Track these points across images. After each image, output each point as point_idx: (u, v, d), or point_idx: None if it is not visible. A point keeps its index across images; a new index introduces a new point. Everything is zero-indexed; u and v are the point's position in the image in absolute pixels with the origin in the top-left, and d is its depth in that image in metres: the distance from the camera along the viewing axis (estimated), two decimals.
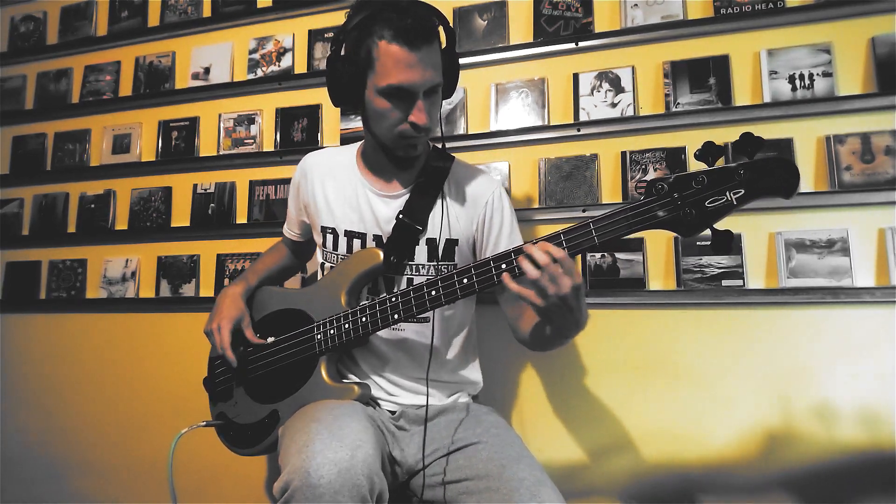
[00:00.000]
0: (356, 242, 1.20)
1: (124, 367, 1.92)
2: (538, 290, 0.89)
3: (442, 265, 1.17)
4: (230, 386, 1.27)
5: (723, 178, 0.83)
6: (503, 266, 0.96)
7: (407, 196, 1.17)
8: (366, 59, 1.03)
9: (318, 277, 1.29)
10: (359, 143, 1.28)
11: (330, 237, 1.22)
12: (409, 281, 1.16)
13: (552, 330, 1.01)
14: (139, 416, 1.88)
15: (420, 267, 1.17)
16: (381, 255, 1.13)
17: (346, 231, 1.20)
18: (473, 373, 1.29)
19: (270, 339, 1.21)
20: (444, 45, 1.09)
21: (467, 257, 1.21)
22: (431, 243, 1.17)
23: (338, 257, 1.21)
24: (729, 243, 0.84)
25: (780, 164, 0.81)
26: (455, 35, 1.11)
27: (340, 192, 1.22)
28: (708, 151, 0.84)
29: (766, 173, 0.81)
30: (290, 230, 1.39)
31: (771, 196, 0.81)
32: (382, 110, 1.05)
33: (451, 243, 1.18)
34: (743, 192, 0.82)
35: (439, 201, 1.17)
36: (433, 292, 1.03)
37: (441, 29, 1.07)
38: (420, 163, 1.19)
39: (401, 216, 1.15)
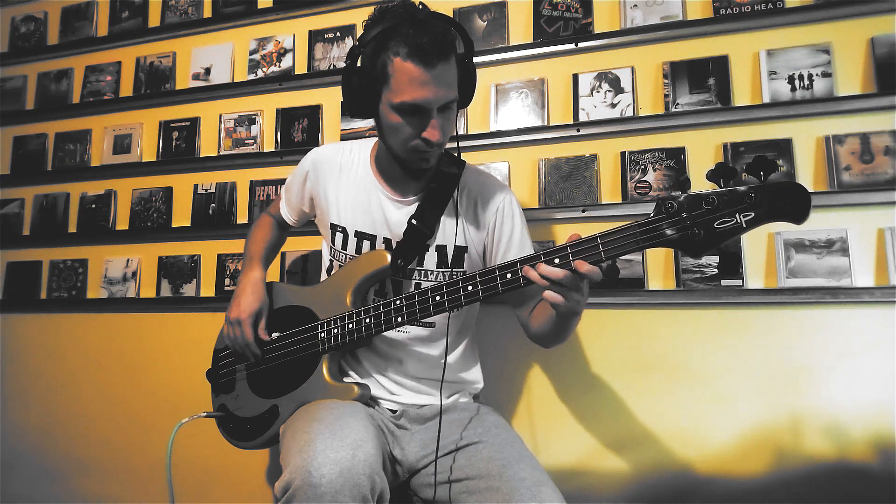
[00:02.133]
0: (366, 244, 1.20)
1: (125, 366, 1.92)
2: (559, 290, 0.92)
3: (450, 272, 1.18)
4: (233, 378, 1.28)
5: (733, 199, 0.82)
6: (508, 275, 0.97)
7: (419, 202, 1.18)
8: (381, 73, 1.02)
9: (324, 273, 1.30)
10: (373, 142, 1.27)
11: (340, 235, 1.22)
12: (418, 286, 1.17)
13: (561, 318, 1.02)
14: (139, 415, 1.89)
15: (429, 273, 1.18)
16: (388, 257, 1.14)
17: (356, 232, 1.21)
18: (474, 373, 1.29)
19: (275, 335, 1.22)
20: (461, 52, 1.08)
21: (477, 264, 1.21)
22: (441, 250, 1.18)
23: (346, 257, 1.22)
24: (737, 266, 0.83)
25: (792, 189, 0.79)
26: (472, 45, 1.10)
27: (354, 192, 1.22)
28: (719, 172, 0.83)
29: (777, 197, 0.79)
30: (289, 215, 1.38)
31: (781, 220, 0.80)
32: (396, 125, 1.05)
33: (461, 250, 1.19)
34: (753, 215, 0.81)
35: (450, 208, 1.18)
36: (438, 297, 1.03)
37: (459, 38, 1.06)
38: (432, 169, 1.19)
39: (412, 221, 1.15)
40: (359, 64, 1.07)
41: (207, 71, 1.92)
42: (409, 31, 0.98)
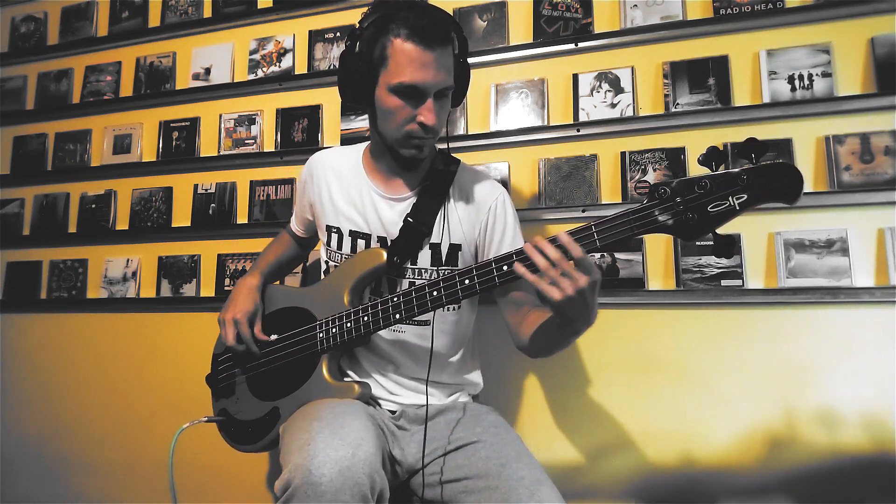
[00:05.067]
0: (360, 243, 1.20)
1: (125, 366, 1.92)
2: (553, 283, 0.86)
3: (445, 269, 1.17)
4: (232, 382, 1.28)
5: (726, 182, 0.82)
6: (504, 268, 0.95)
7: (414, 199, 1.18)
8: (379, 56, 1.03)
9: (322, 275, 1.29)
10: (366, 144, 1.28)
11: (335, 236, 1.22)
12: (412, 284, 1.16)
13: (563, 324, 0.94)
14: (140, 415, 1.89)
15: (423, 271, 1.17)
16: (385, 255, 1.13)
17: (350, 231, 1.21)
18: (474, 374, 1.29)
19: (273, 337, 1.22)
20: (456, 52, 1.09)
21: (470, 262, 1.20)
22: (435, 248, 1.17)
23: (342, 256, 1.22)
24: (731, 248, 0.83)
25: (784, 169, 0.80)
26: (467, 44, 1.11)
27: (346, 192, 1.22)
28: (711, 156, 0.83)
29: (769, 178, 0.80)
30: (297, 227, 1.41)
31: (774, 201, 0.81)
32: (392, 108, 1.05)
33: (455, 248, 1.18)
34: (746, 197, 0.81)
35: (444, 205, 1.18)
36: (435, 293, 1.03)
37: (455, 36, 1.07)
38: (426, 166, 1.19)
39: (409, 219, 1.15)
40: (357, 49, 1.07)
41: (207, 71, 1.92)
42: (409, 15, 1.00)
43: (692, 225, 0.84)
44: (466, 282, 1.00)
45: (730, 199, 0.82)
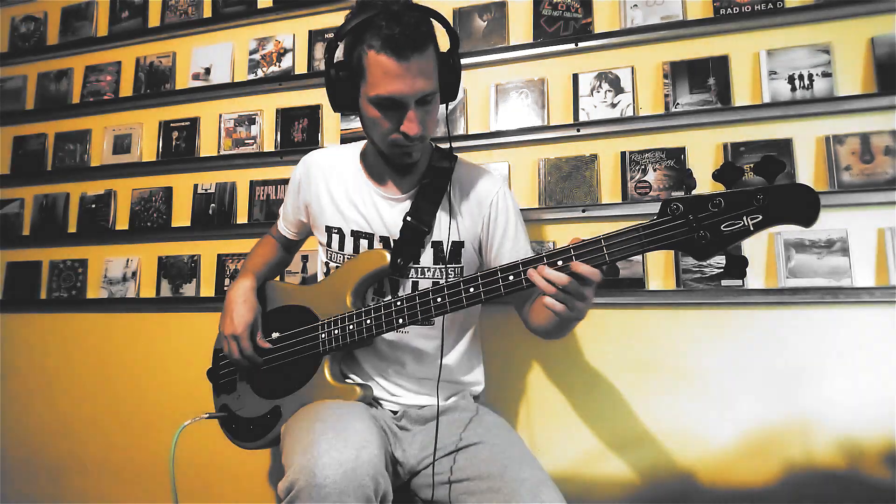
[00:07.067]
0: (363, 243, 1.19)
1: (125, 366, 1.92)
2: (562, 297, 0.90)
3: (447, 268, 1.17)
4: (234, 378, 1.28)
5: (741, 201, 0.79)
6: (510, 277, 0.95)
7: (413, 199, 1.17)
8: (357, 67, 1.02)
9: (319, 277, 1.29)
10: (362, 143, 1.27)
11: (336, 237, 1.21)
12: (415, 284, 1.16)
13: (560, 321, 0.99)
14: (140, 415, 1.89)
15: (426, 270, 1.17)
16: (388, 257, 1.13)
17: (353, 231, 1.20)
18: (476, 374, 1.28)
19: (275, 335, 1.22)
20: (446, 48, 1.07)
21: (473, 259, 1.20)
22: (437, 246, 1.16)
23: (344, 257, 1.21)
24: (743, 269, 0.81)
25: (801, 192, 0.77)
26: (457, 36, 1.08)
27: (345, 192, 1.21)
28: (727, 172, 0.80)
29: (786, 200, 0.77)
30: (287, 228, 1.38)
31: (789, 224, 0.78)
32: (374, 119, 1.04)
33: (458, 245, 1.18)
34: (761, 217, 0.79)
35: (444, 203, 1.17)
36: (439, 299, 1.02)
37: (444, 31, 1.05)
38: (423, 164, 1.18)
39: (408, 218, 1.14)
40: (341, 57, 1.06)
41: (207, 71, 1.92)
42: (382, 23, 0.97)
43: (704, 244, 0.82)
44: (472, 290, 0.99)
45: (744, 219, 0.79)
